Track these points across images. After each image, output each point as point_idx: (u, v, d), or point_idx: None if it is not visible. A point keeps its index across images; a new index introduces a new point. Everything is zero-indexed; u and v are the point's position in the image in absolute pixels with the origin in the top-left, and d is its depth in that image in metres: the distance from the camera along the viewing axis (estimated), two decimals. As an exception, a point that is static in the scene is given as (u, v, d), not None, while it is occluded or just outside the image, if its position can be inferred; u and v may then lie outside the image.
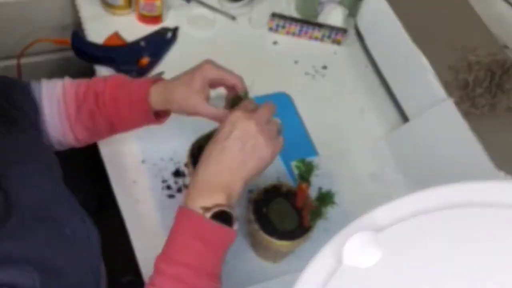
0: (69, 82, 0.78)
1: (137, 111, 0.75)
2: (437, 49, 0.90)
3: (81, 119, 0.76)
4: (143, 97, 0.74)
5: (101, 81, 0.77)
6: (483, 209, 0.47)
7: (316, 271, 0.46)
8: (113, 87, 0.76)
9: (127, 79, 0.78)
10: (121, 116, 0.76)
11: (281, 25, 1.08)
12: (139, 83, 0.76)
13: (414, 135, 0.91)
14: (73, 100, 0.76)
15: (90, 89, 0.76)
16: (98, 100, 0.75)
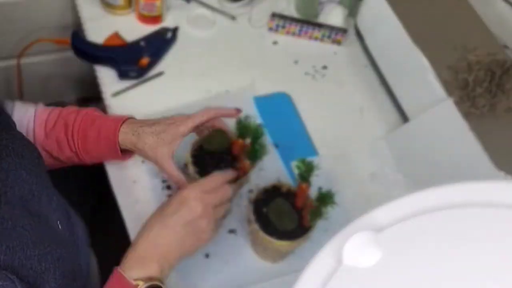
0: (42, 108, 0.80)
1: (105, 149, 0.77)
2: (437, 49, 0.90)
3: (48, 146, 0.78)
4: (112, 136, 0.76)
5: (73, 112, 0.79)
6: (483, 209, 0.47)
7: (316, 271, 0.46)
8: (84, 120, 0.77)
9: (100, 114, 0.79)
10: (88, 150, 0.78)
11: (281, 25, 1.08)
12: (110, 120, 0.77)
13: (414, 135, 0.91)
14: (42, 127, 0.78)
15: (60, 119, 0.78)
16: (67, 131, 0.77)
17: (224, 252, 0.81)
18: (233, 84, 0.99)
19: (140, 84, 0.97)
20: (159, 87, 0.97)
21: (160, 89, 0.97)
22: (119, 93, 0.95)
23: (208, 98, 0.97)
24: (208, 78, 1.00)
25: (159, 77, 0.98)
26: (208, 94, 0.97)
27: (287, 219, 0.75)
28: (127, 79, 0.96)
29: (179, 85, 0.98)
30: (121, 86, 0.96)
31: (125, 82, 0.96)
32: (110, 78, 0.97)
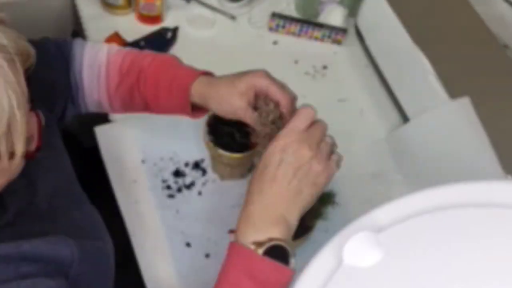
0: (114, 52, 0.75)
1: (175, 99, 0.71)
2: (437, 49, 0.90)
3: (120, 92, 0.74)
4: (184, 86, 0.69)
5: (149, 57, 0.74)
6: (483, 209, 0.47)
7: (316, 271, 0.46)
8: (158, 67, 0.72)
9: (176, 62, 0.74)
10: (158, 100, 0.73)
11: (281, 25, 1.07)
12: (185, 71, 0.71)
13: (414, 135, 0.91)
14: (116, 73, 0.73)
15: (135, 64, 0.73)
16: (140, 76, 0.72)
17: (224, 252, 0.80)
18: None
19: (140, 84, 0.96)
20: (159, 87, 0.97)
21: (160, 89, 0.97)
22: (119, 93, 0.95)
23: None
24: (208, 78, 1.00)
25: (159, 77, 0.98)
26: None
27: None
28: (127, 79, 0.96)
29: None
30: (121, 86, 0.95)
31: (125, 82, 0.96)
32: (110, 78, 0.97)
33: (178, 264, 0.79)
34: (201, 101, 0.70)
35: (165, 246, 0.80)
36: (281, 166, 0.58)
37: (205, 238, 0.82)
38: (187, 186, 0.86)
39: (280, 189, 0.57)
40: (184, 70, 0.72)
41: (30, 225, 0.57)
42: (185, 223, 0.82)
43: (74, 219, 0.64)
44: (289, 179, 0.57)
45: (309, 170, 0.58)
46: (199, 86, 0.69)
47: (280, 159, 0.58)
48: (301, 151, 0.58)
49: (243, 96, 0.67)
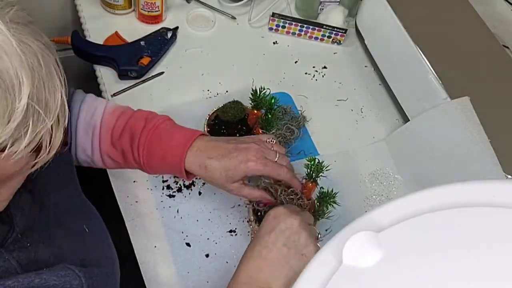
0: (110, 111, 0.74)
1: (169, 169, 0.73)
2: (437, 49, 0.90)
3: (113, 153, 0.74)
4: (178, 163, 0.70)
5: (141, 121, 0.73)
6: (484, 209, 0.47)
7: (316, 271, 0.46)
8: (150, 136, 0.72)
9: (169, 127, 0.73)
10: (152, 168, 0.73)
11: (281, 25, 1.08)
12: (176, 143, 0.71)
13: (414, 135, 0.91)
14: (108, 134, 0.73)
15: (127, 128, 0.73)
16: (133, 144, 0.72)
17: (224, 252, 0.81)
18: (233, 84, 0.99)
19: (140, 84, 0.97)
20: (159, 87, 0.97)
21: (160, 89, 0.97)
22: (119, 93, 0.95)
23: (208, 98, 0.97)
24: (208, 78, 1.00)
25: (159, 77, 0.98)
26: (208, 94, 0.97)
27: None
28: (127, 79, 0.96)
29: (179, 85, 0.98)
30: (121, 86, 0.96)
31: (125, 82, 0.96)
32: (110, 78, 0.97)
33: (178, 264, 0.79)
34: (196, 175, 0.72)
35: (165, 246, 0.80)
36: (273, 233, 0.62)
37: (205, 238, 0.82)
38: (187, 186, 0.86)
39: (268, 254, 0.61)
40: (176, 139, 0.71)
41: (36, 245, 0.57)
42: (185, 223, 0.82)
43: (79, 244, 0.64)
44: (278, 247, 0.61)
45: (298, 240, 0.62)
46: (192, 166, 0.70)
47: (273, 227, 0.62)
48: (292, 221, 0.62)
49: (236, 183, 0.70)
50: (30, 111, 0.45)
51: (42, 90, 0.46)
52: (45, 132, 0.48)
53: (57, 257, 0.58)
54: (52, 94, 0.47)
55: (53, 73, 0.48)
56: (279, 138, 0.90)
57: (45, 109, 0.47)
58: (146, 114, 0.74)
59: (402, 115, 0.98)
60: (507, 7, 1.09)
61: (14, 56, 0.44)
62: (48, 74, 0.47)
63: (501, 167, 0.78)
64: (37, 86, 0.46)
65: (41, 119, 0.46)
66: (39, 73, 0.46)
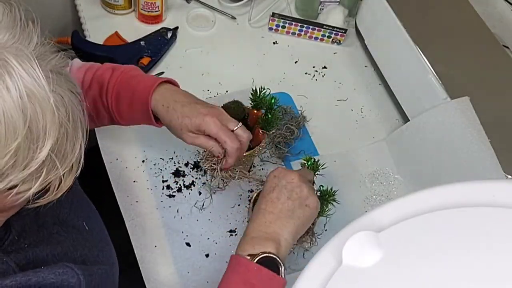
0: (76, 66, 0.76)
1: (138, 113, 0.74)
2: (437, 49, 0.90)
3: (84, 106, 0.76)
4: (144, 102, 0.72)
5: (109, 70, 0.75)
6: (484, 209, 0.47)
7: (316, 271, 0.46)
8: (118, 81, 0.74)
9: (136, 73, 0.75)
10: (121, 113, 0.75)
11: (281, 25, 1.08)
12: (144, 84, 0.73)
13: (414, 135, 0.91)
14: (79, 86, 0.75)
15: (95, 78, 0.75)
16: (102, 91, 0.74)
17: (224, 252, 0.81)
18: (233, 84, 0.99)
19: (140, 84, 0.97)
20: (159, 87, 0.97)
21: (160, 89, 0.97)
22: (119, 93, 0.95)
23: (208, 98, 0.97)
24: (208, 78, 1.00)
25: (159, 77, 0.98)
26: (208, 94, 0.97)
27: None
28: (127, 79, 0.96)
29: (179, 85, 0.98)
30: (121, 86, 0.95)
31: (125, 82, 0.96)
32: (110, 78, 0.97)
33: (178, 264, 0.79)
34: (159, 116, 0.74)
35: (165, 246, 0.80)
36: (276, 190, 0.67)
37: (205, 238, 0.82)
38: (187, 186, 0.86)
39: (274, 209, 0.65)
40: (142, 83, 0.73)
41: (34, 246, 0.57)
42: (185, 223, 0.82)
43: (80, 238, 0.64)
44: (283, 201, 0.66)
45: (300, 192, 0.66)
46: (157, 104, 0.72)
47: (275, 184, 0.67)
48: (292, 176, 0.67)
49: (190, 133, 0.72)
50: (47, 161, 0.46)
51: (64, 143, 0.47)
52: (56, 178, 0.48)
53: (56, 255, 0.58)
54: (72, 147, 0.48)
55: (78, 126, 0.49)
56: (279, 138, 0.90)
57: (62, 160, 0.48)
58: (113, 65, 0.77)
59: (402, 115, 0.98)
60: (507, 7, 1.09)
61: (48, 111, 0.44)
62: (73, 128, 0.48)
63: (501, 167, 0.78)
64: (61, 139, 0.46)
65: (56, 168, 0.47)
66: (65, 127, 0.47)
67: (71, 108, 0.48)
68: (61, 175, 0.49)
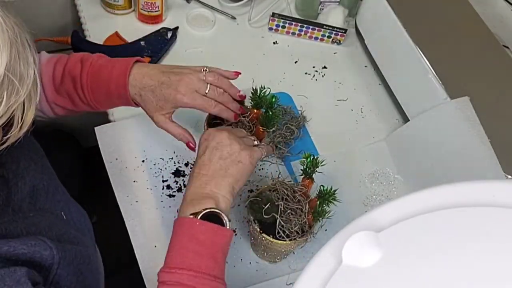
0: (45, 61, 0.76)
1: (116, 100, 0.76)
2: (437, 49, 0.90)
3: (59, 100, 0.76)
4: (123, 92, 0.73)
5: (77, 63, 0.75)
6: (484, 208, 0.47)
7: (316, 271, 0.46)
8: (90, 74, 0.74)
9: (104, 61, 0.76)
10: (100, 103, 0.76)
11: (281, 25, 1.08)
12: (117, 73, 0.74)
13: (414, 135, 0.91)
14: (50, 83, 0.75)
15: (66, 72, 0.75)
16: (76, 85, 0.75)
17: (224, 252, 0.81)
18: (233, 84, 0.99)
19: (140, 84, 0.96)
20: (159, 87, 0.97)
21: (160, 89, 0.97)
22: (119, 93, 0.94)
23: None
24: (208, 78, 1.00)
25: (159, 77, 0.98)
26: (208, 94, 0.97)
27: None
28: (127, 79, 0.96)
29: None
30: (121, 86, 0.95)
31: (125, 82, 0.96)
32: (110, 78, 0.97)
33: (178, 264, 0.78)
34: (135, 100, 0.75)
35: (165, 246, 0.80)
36: (207, 152, 0.68)
37: (205, 238, 0.82)
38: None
39: (207, 171, 0.67)
40: (114, 71, 0.74)
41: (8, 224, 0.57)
42: (185, 223, 0.82)
43: (56, 222, 0.64)
44: (215, 161, 0.67)
45: (231, 151, 0.68)
46: (132, 90, 0.73)
47: (205, 146, 0.69)
48: (221, 136, 0.68)
49: (167, 114, 0.75)
50: (5, 82, 0.46)
51: (18, 63, 0.48)
52: (18, 106, 0.49)
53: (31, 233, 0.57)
54: (26, 68, 0.49)
55: (27, 48, 0.50)
56: (279, 138, 0.90)
57: (20, 81, 0.48)
58: (81, 55, 0.77)
59: (402, 115, 0.98)
60: (507, 7, 1.09)
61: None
62: (24, 49, 0.49)
63: (501, 167, 0.78)
64: (14, 58, 0.47)
65: (15, 92, 0.48)
66: (16, 46, 0.47)
67: (18, 31, 0.48)
68: (22, 102, 0.49)
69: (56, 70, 0.75)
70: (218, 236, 0.64)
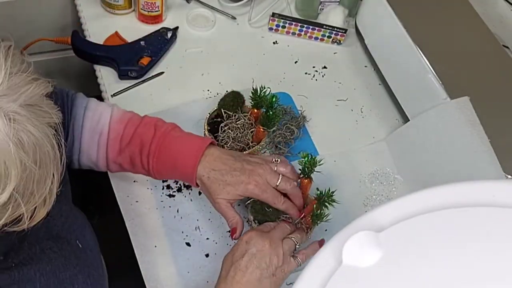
0: (117, 118, 0.74)
1: (180, 177, 0.75)
2: (437, 49, 0.90)
3: (120, 161, 0.74)
4: (191, 171, 0.71)
5: (151, 129, 0.73)
6: (483, 208, 0.47)
7: (316, 271, 0.46)
8: (161, 144, 0.72)
9: (178, 134, 0.74)
10: (161, 173, 0.74)
11: (281, 25, 1.07)
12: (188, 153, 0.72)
13: (414, 135, 0.91)
14: (117, 142, 0.73)
15: (136, 135, 0.73)
16: (142, 150, 0.73)
17: (224, 252, 0.80)
18: (233, 84, 0.99)
19: (140, 84, 0.97)
20: (159, 87, 0.97)
21: (160, 89, 0.97)
22: (119, 93, 0.95)
23: (208, 98, 0.97)
24: (208, 78, 1.00)
25: (159, 77, 0.98)
26: (208, 94, 0.97)
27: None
28: (127, 79, 0.96)
29: (179, 85, 0.98)
30: (121, 86, 0.96)
31: (125, 82, 0.96)
32: (110, 78, 0.97)
33: (178, 264, 0.79)
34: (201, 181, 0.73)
35: (165, 246, 0.80)
36: (245, 257, 0.65)
37: (205, 238, 0.82)
38: (187, 186, 0.86)
39: (242, 278, 0.65)
40: (188, 147, 0.72)
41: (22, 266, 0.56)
42: (185, 223, 0.82)
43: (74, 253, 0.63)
44: (251, 270, 0.65)
45: (269, 262, 0.65)
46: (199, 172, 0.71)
47: (245, 250, 0.66)
48: (262, 244, 0.66)
49: (230, 200, 0.72)
50: (12, 199, 0.45)
51: (30, 183, 0.46)
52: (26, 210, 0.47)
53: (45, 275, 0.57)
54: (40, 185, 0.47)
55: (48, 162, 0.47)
56: (279, 138, 0.90)
57: (29, 198, 0.47)
58: (154, 120, 0.75)
59: (402, 115, 0.98)
60: (507, 7, 1.09)
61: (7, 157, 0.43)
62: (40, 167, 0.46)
63: (501, 167, 0.78)
64: (25, 181, 0.45)
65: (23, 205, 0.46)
66: (30, 169, 0.45)
67: (39, 148, 0.46)
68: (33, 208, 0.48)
69: (126, 130, 0.73)
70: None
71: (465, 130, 0.81)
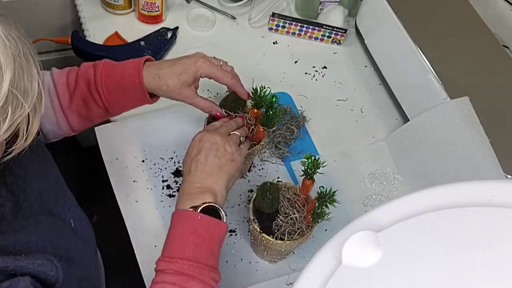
0: (57, 71, 0.78)
1: (132, 95, 0.77)
2: (437, 49, 0.90)
3: (75, 107, 0.77)
4: (138, 81, 0.75)
5: (90, 67, 0.77)
6: (483, 208, 0.47)
7: (316, 271, 0.46)
8: (104, 72, 0.76)
9: (115, 63, 0.78)
10: (116, 101, 0.77)
11: (281, 25, 1.08)
12: (130, 66, 0.77)
13: (414, 135, 0.91)
14: (65, 89, 0.76)
15: (80, 76, 0.77)
16: (90, 86, 0.76)
17: (224, 252, 0.81)
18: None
19: (140, 84, 0.96)
20: (159, 87, 0.97)
21: (160, 89, 0.97)
22: (119, 93, 0.94)
23: (208, 98, 0.96)
24: (208, 78, 1.00)
25: (159, 77, 0.98)
26: (208, 94, 0.97)
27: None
28: (127, 79, 0.96)
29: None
30: (121, 86, 0.95)
31: (125, 82, 0.96)
32: (110, 78, 0.97)
33: (178, 264, 0.78)
34: (152, 91, 0.78)
35: (165, 246, 0.80)
36: (202, 152, 0.71)
37: (205, 238, 0.82)
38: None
39: (204, 168, 0.70)
40: (129, 66, 0.77)
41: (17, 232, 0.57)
42: (185, 223, 0.82)
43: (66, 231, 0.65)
44: (211, 159, 0.70)
45: (224, 151, 0.72)
46: (148, 79, 0.76)
47: (200, 147, 0.71)
48: (215, 138, 0.72)
49: (192, 87, 0.78)
50: (10, 98, 0.47)
51: (22, 78, 0.48)
52: (23, 119, 0.50)
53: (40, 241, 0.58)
54: (30, 82, 0.50)
55: (31, 61, 0.50)
56: (279, 138, 0.91)
57: (24, 96, 0.49)
58: (91, 62, 0.79)
59: (402, 115, 0.98)
60: (507, 7, 1.09)
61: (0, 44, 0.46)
62: (27, 63, 0.49)
63: (501, 167, 0.78)
64: (18, 73, 0.47)
65: (20, 106, 0.48)
66: (19, 61, 0.48)
67: (21, 44, 0.49)
68: (27, 115, 0.50)
69: (69, 77, 0.77)
70: (216, 229, 0.66)
71: (465, 130, 0.81)
